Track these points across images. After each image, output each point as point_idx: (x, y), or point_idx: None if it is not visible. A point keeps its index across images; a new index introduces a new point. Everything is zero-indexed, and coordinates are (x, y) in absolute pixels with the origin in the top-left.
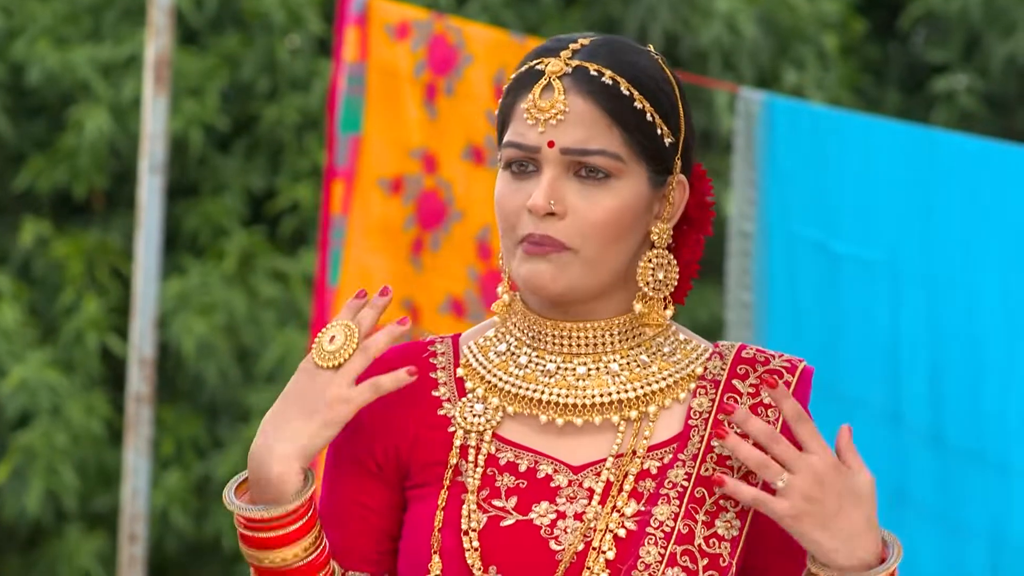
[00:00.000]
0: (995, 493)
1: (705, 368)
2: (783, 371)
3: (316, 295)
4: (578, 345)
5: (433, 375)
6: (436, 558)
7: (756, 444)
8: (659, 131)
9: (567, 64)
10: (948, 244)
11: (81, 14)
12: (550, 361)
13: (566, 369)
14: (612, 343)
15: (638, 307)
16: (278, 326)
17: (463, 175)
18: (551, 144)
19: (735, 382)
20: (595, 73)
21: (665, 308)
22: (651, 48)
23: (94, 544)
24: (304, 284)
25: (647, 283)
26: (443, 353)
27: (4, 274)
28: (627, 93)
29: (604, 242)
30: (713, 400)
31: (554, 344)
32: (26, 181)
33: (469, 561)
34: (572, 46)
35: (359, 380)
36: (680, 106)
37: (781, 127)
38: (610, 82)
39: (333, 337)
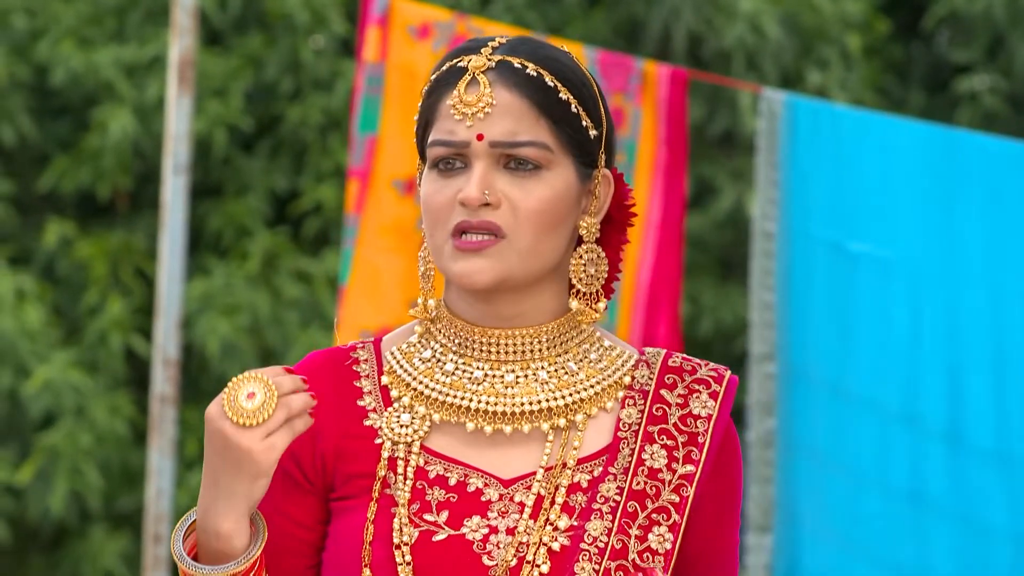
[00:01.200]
0: (1015, 491)
1: (633, 377)
2: (710, 380)
3: (338, 296)
4: (506, 352)
5: (357, 383)
6: (367, 572)
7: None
8: (584, 123)
9: (489, 59)
10: (969, 244)
11: (105, 15)
12: (477, 368)
13: (494, 376)
14: (540, 350)
15: (574, 304)
16: (302, 326)
17: None
18: (480, 137)
19: (663, 392)
20: (519, 66)
21: (598, 302)
22: (565, 48)
23: (118, 544)
24: (328, 285)
25: (579, 278)
26: (366, 360)
27: (28, 275)
28: (551, 85)
29: (538, 231)
30: (642, 411)
31: (481, 351)
32: (50, 182)
33: (402, 575)
34: (491, 44)
35: None
36: (600, 102)
37: (804, 128)
38: (534, 74)
39: (252, 393)
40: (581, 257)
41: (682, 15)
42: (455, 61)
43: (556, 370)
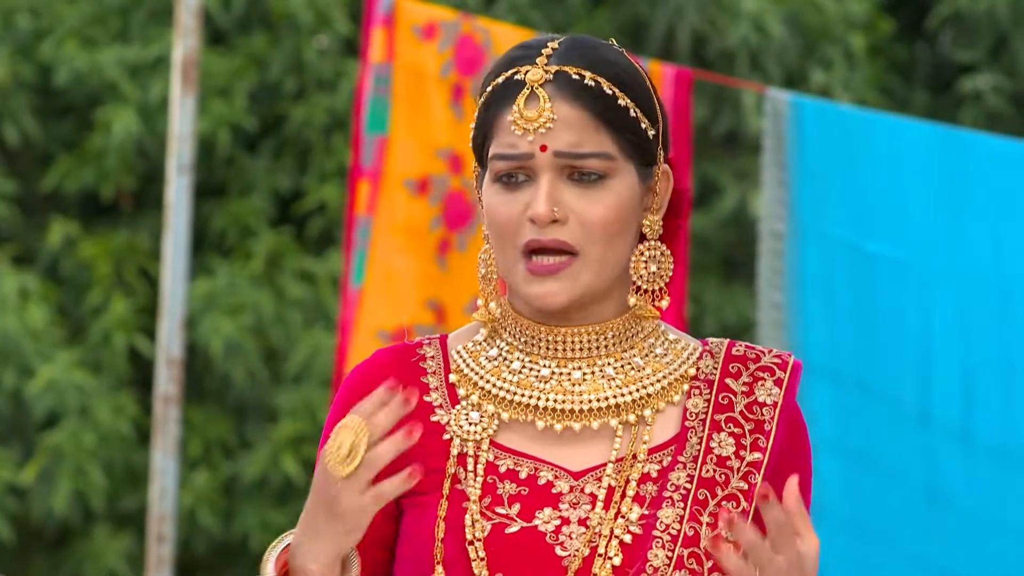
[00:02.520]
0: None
1: (697, 368)
2: (774, 367)
3: (342, 296)
4: (572, 349)
5: (424, 379)
6: (440, 568)
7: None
8: (643, 125)
9: (546, 70)
10: (976, 243)
11: (109, 15)
12: (544, 366)
13: (561, 374)
14: (606, 346)
15: (632, 300)
16: (306, 326)
17: None
18: (544, 148)
19: (728, 381)
20: (576, 76)
21: (660, 300)
22: (613, 42)
23: (122, 544)
24: (331, 285)
25: (640, 276)
26: (432, 357)
27: (32, 274)
28: (610, 92)
29: (607, 241)
30: (708, 400)
31: (548, 349)
32: (54, 182)
33: (476, 570)
34: (545, 51)
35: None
36: (654, 96)
37: (809, 127)
38: (592, 83)
39: (341, 444)
40: (643, 255)
41: (686, 15)
42: (511, 72)
43: (623, 365)
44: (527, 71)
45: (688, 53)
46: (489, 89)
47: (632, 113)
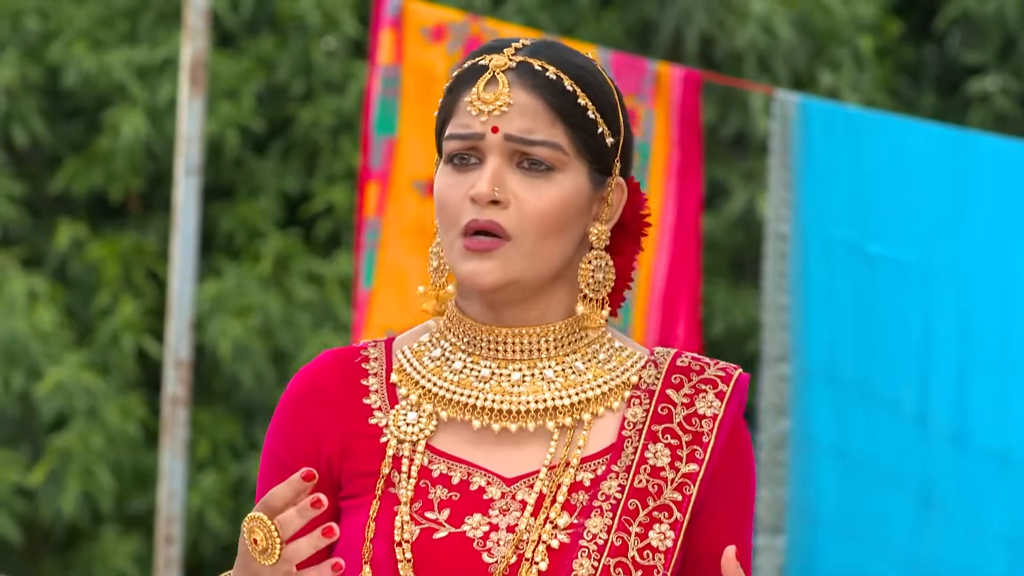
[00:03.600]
0: (1014, 495)
1: (640, 377)
2: (717, 380)
3: (354, 298)
4: (513, 351)
5: (364, 382)
6: (367, 568)
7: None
8: (600, 130)
9: (511, 59)
10: (982, 245)
11: (117, 17)
12: (484, 367)
13: (501, 375)
14: (547, 349)
15: (580, 308)
16: (314, 328)
17: None
18: (495, 130)
19: (669, 391)
20: (539, 68)
21: (602, 308)
22: (591, 55)
23: (130, 546)
24: (339, 286)
25: (587, 283)
26: (375, 359)
27: (40, 276)
28: (570, 89)
29: (544, 233)
30: (647, 410)
31: (489, 350)
32: (62, 183)
33: (402, 573)
34: (515, 44)
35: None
36: (620, 110)
37: (816, 129)
38: (554, 77)
39: (256, 538)
40: (590, 263)
41: (694, 17)
42: (477, 59)
43: (563, 369)
44: (492, 58)
45: (696, 55)
46: (454, 75)
47: (590, 115)
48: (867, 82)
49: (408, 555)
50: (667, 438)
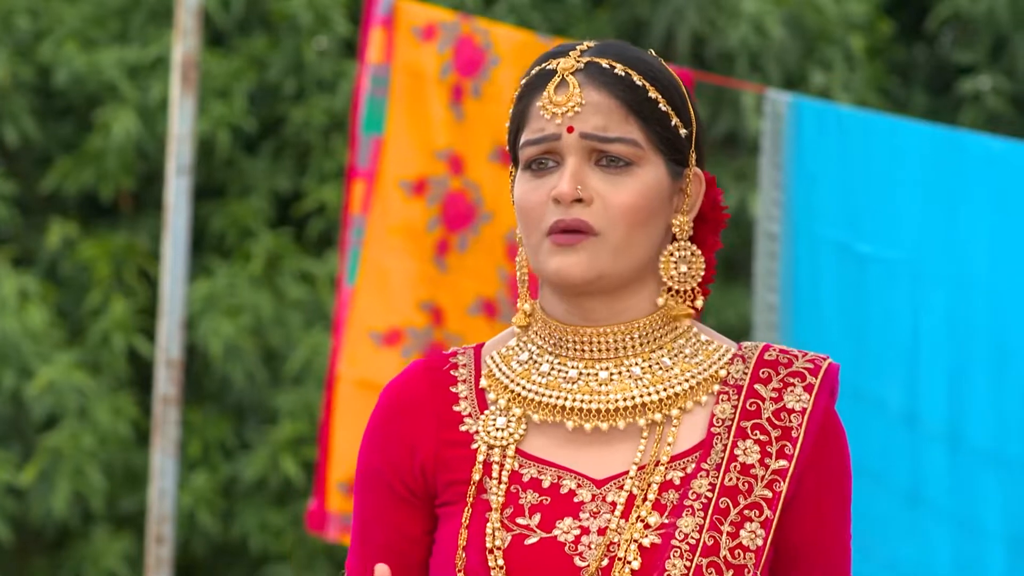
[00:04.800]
0: (1012, 493)
1: (728, 372)
2: (805, 372)
3: (337, 295)
4: (599, 350)
5: (454, 389)
6: None
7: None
8: (673, 121)
9: (578, 61)
10: (973, 245)
11: (108, 16)
12: (572, 367)
13: (588, 375)
14: (633, 346)
15: (661, 300)
16: (305, 328)
17: (491, 176)
18: (570, 129)
19: (757, 387)
20: (607, 66)
21: (695, 300)
22: (652, 52)
23: (121, 545)
24: (331, 286)
25: (670, 276)
26: (464, 365)
27: (31, 276)
28: (640, 84)
29: (630, 227)
30: (735, 406)
31: (575, 350)
32: (53, 183)
33: None
34: (580, 47)
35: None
36: (689, 101)
37: (808, 128)
38: (623, 74)
39: None
40: (672, 255)
41: (686, 16)
42: (544, 64)
43: (650, 365)
44: (559, 62)
45: (688, 54)
46: (523, 82)
47: (662, 107)
48: (859, 82)
49: (500, 562)
50: (756, 434)
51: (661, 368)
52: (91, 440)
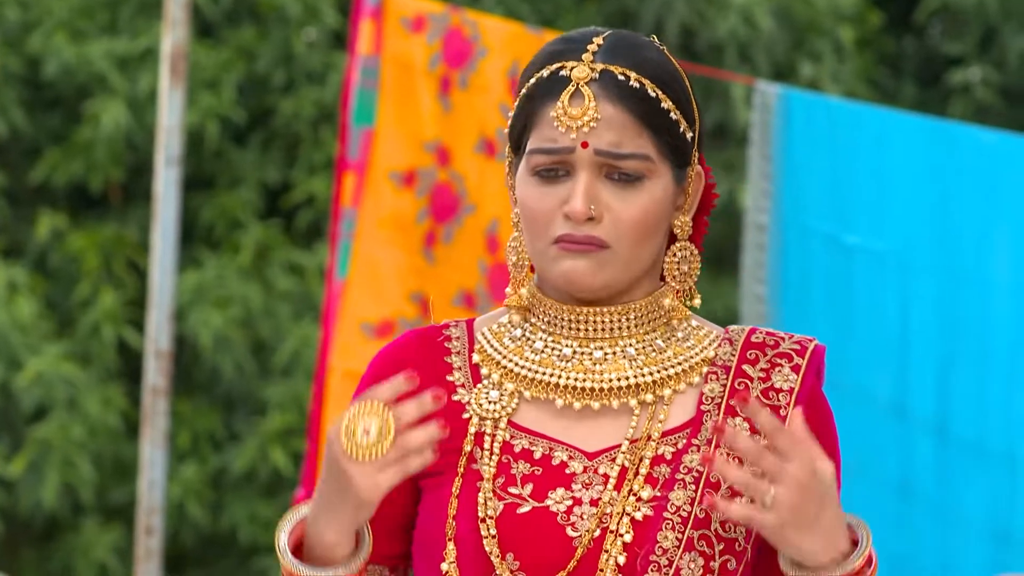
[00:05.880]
0: (1000, 486)
1: (716, 354)
2: (792, 353)
3: (327, 287)
4: (595, 329)
5: (448, 359)
6: (451, 545)
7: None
8: (681, 127)
9: (592, 68)
10: (962, 237)
11: (97, 7)
12: (566, 346)
13: (582, 353)
14: (628, 327)
15: (667, 302)
16: (294, 319)
17: (476, 168)
18: (585, 145)
19: (745, 367)
20: (622, 77)
21: (692, 299)
22: (654, 38)
23: (110, 537)
24: (320, 277)
25: (673, 276)
26: (458, 338)
27: (20, 267)
28: (653, 95)
29: (638, 240)
30: (724, 385)
31: (571, 329)
32: (42, 174)
33: (487, 548)
34: (591, 47)
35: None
36: (691, 96)
37: (797, 120)
38: (637, 85)
39: (367, 428)
40: (675, 255)
41: (674, 7)
42: (556, 67)
43: (644, 347)
44: (573, 67)
45: (677, 46)
46: (533, 81)
47: (673, 116)
48: (848, 73)
49: (492, 531)
50: (745, 412)
51: (655, 350)
52: (80, 431)
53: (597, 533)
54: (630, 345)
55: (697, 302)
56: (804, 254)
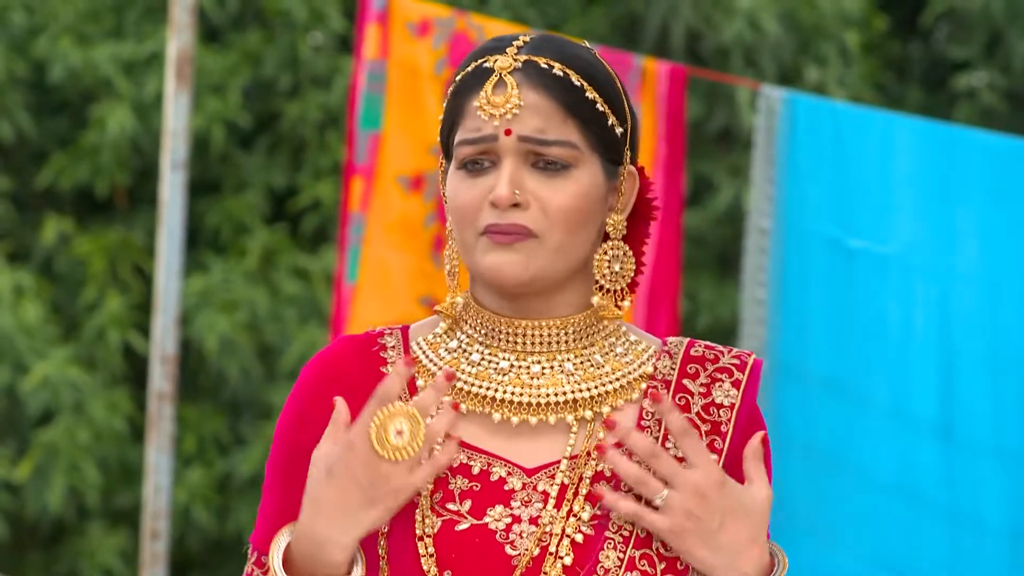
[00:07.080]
0: (1015, 485)
1: (655, 367)
2: (732, 368)
3: (335, 293)
4: (532, 343)
5: (384, 369)
6: (384, 565)
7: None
8: (610, 121)
9: (515, 59)
10: (964, 239)
11: (103, 11)
12: (503, 359)
13: (520, 367)
14: (566, 341)
15: (596, 299)
16: (300, 323)
17: None
18: (508, 132)
19: (685, 382)
20: (545, 66)
21: (623, 300)
22: (585, 43)
23: (116, 541)
24: (326, 281)
25: (603, 275)
26: (393, 347)
27: (26, 271)
28: (578, 84)
29: (568, 229)
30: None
31: (508, 342)
32: (48, 178)
33: (424, 567)
34: (516, 43)
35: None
36: (624, 98)
37: (803, 124)
38: (561, 74)
39: (400, 431)
40: (606, 254)
41: (680, 11)
42: (481, 61)
43: (582, 362)
44: (496, 60)
45: (682, 50)
46: (458, 79)
47: (599, 107)
48: (853, 77)
49: (431, 549)
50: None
51: (593, 365)
52: (86, 436)
53: (536, 552)
54: (568, 360)
55: (627, 304)
56: (806, 258)
